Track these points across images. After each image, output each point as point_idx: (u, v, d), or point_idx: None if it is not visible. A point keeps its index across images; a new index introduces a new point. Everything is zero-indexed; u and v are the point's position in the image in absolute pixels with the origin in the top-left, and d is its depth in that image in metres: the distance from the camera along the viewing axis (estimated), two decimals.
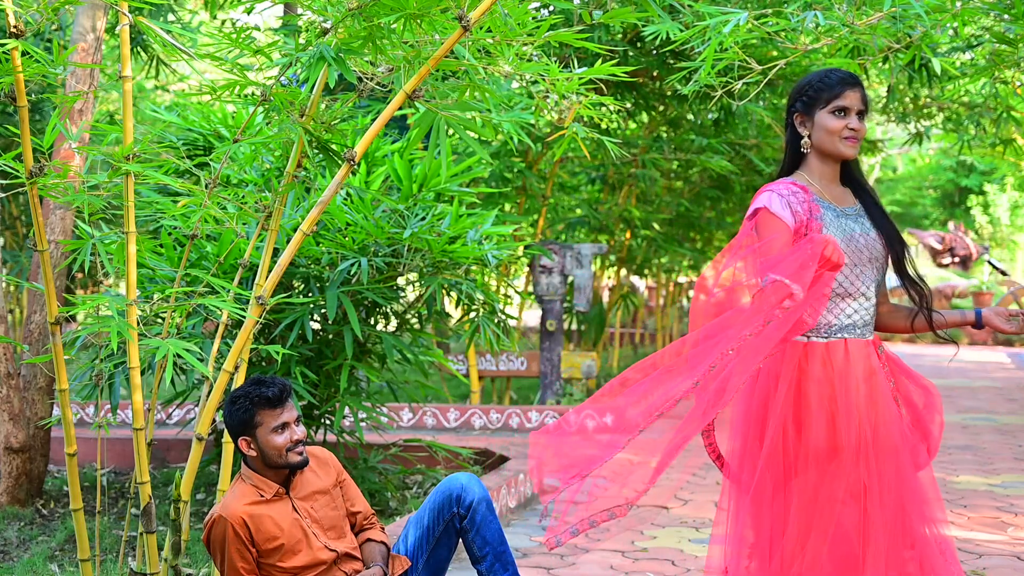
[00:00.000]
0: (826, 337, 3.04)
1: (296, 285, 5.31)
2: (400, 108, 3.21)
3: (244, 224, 4.11)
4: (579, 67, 3.51)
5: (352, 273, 5.08)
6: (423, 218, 5.26)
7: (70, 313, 3.28)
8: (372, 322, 5.71)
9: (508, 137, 5.31)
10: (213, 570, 3.87)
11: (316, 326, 5.44)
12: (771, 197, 3.04)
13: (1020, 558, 5.01)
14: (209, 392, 3.45)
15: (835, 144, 3.07)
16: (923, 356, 16.51)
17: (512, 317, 7.29)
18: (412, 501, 5.75)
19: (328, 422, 5.61)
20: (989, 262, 11.57)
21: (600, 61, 3.47)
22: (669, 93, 9.51)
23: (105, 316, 3.18)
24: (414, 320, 5.98)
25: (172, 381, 5.16)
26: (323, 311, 5.22)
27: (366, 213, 5.10)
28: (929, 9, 4.27)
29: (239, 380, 3.60)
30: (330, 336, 5.45)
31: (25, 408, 5.61)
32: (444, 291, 5.29)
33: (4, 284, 6.49)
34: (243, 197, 3.69)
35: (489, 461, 6.86)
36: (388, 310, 5.80)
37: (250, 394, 3.34)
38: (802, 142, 3.09)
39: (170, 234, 4.81)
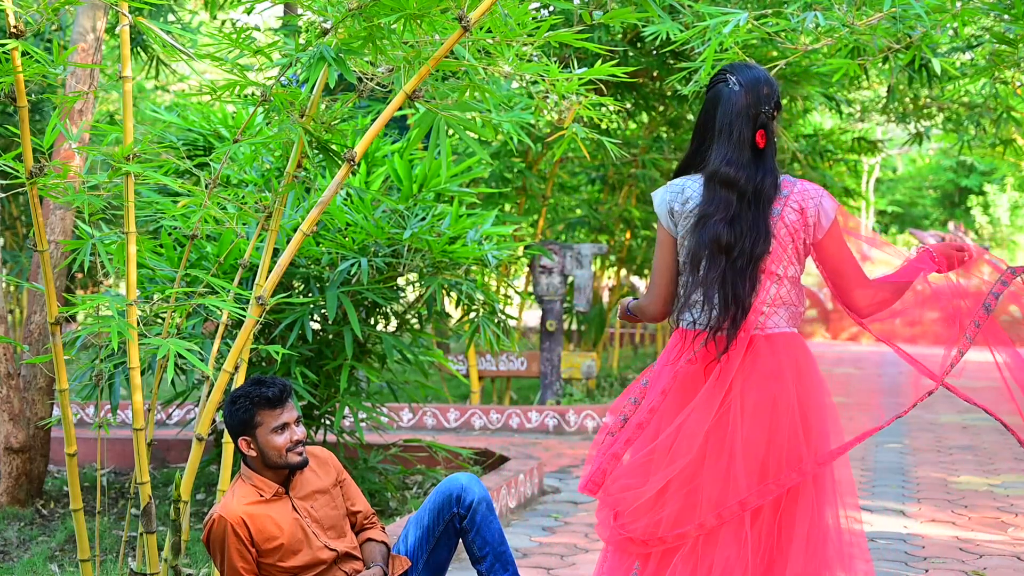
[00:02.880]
0: None
1: (296, 285, 5.31)
2: (400, 108, 3.21)
3: (244, 224, 4.11)
4: (579, 67, 3.51)
5: (352, 273, 5.08)
6: (423, 218, 5.26)
7: (70, 313, 3.28)
8: (372, 322, 5.70)
9: (508, 137, 5.30)
10: (213, 570, 3.87)
11: (316, 326, 5.44)
12: None
13: (1020, 558, 5.00)
14: (209, 392, 3.45)
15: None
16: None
17: (512, 317, 7.29)
18: (412, 501, 5.75)
19: (328, 422, 5.61)
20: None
21: (600, 61, 3.47)
22: (669, 93, 9.52)
23: (105, 316, 3.18)
24: (414, 320, 5.97)
25: (172, 381, 5.16)
26: (323, 311, 5.22)
27: (366, 213, 5.10)
28: (929, 9, 4.27)
29: (239, 380, 3.59)
30: (330, 336, 5.45)
31: (25, 408, 5.61)
32: (444, 291, 5.28)
33: (4, 284, 6.49)
34: (243, 197, 3.69)
35: (489, 461, 6.86)
36: (388, 310, 5.80)
37: (250, 394, 3.34)
38: (777, 142, 3.02)
39: (170, 234, 4.81)
